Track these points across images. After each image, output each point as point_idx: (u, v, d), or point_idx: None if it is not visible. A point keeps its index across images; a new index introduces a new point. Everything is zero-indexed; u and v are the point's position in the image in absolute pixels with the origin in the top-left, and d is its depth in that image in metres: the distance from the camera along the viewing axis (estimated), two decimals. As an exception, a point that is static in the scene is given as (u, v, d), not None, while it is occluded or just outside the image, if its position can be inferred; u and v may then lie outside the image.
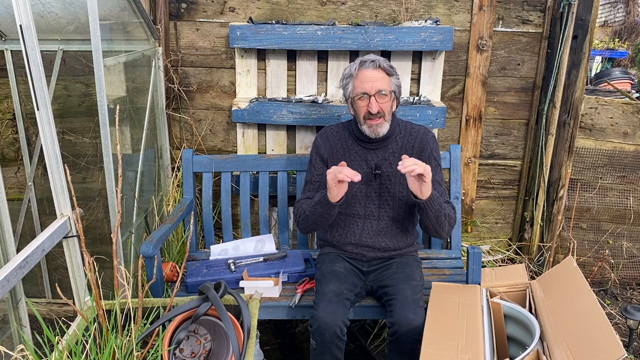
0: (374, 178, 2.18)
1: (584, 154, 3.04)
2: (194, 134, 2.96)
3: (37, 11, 2.33)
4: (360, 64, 2.12)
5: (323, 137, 2.29)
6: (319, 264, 2.28)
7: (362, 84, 2.09)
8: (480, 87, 2.88)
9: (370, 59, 2.11)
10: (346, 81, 2.17)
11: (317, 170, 2.25)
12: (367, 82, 2.08)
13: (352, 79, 2.13)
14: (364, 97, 2.10)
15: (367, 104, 2.10)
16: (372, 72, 2.10)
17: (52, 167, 1.71)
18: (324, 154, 2.25)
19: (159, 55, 2.72)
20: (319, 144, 2.27)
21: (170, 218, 2.45)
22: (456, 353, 1.63)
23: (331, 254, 2.28)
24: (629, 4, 10.11)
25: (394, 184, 2.18)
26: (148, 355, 1.55)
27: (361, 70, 2.11)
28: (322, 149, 2.26)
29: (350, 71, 2.14)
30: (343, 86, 2.20)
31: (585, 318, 1.65)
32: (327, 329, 1.92)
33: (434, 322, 1.83)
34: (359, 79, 2.11)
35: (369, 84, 2.08)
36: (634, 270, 3.19)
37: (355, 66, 2.13)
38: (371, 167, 2.19)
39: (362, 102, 2.11)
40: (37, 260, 1.58)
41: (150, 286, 1.85)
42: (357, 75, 2.11)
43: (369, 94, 2.09)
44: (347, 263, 2.23)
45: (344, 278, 2.12)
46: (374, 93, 2.08)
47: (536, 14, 2.83)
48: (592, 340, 1.54)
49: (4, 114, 2.96)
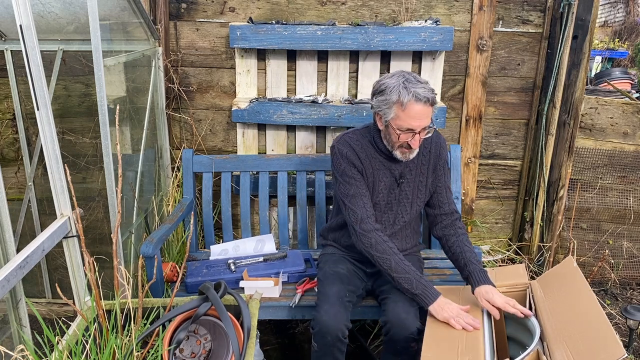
0: (397, 186, 2.13)
1: (584, 154, 3.04)
2: (194, 134, 2.96)
3: (37, 11, 2.33)
4: (414, 97, 1.89)
5: (347, 146, 2.10)
6: (321, 264, 2.27)
7: (411, 121, 1.92)
8: (480, 87, 2.88)
9: (425, 96, 1.90)
10: (387, 104, 1.94)
11: (358, 181, 2.07)
12: (416, 120, 1.92)
13: (397, 107, 1.92)
14: (407, 132, 1.95)
15: (410, 139, 1.97)
16: (424, 108, 1.91)
17: (52, 167, 1.71)
18: (357, 164, 2.08)
19: (159, 55, 2.72)
20: (348, 154, 2.08)
21: (170, 218, 2.45)
22: (456, 355, 1.63)
23: (335, 254, 2.27)
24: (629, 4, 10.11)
25: (412, 190, 2.15)
26: (148, 355, 1.55)
27: (412, 105, 1.90)
28: (353, 158, 2.08)
29: (400, 98, 1.90)
30: (380, 107, 1.98)
31: (585, 318, 1.65)
32: (330, 332, 1.91)
33: (434, 325, 1.83)
34: (408, 114, 1.91)
35: (418, 121, 1.93)
36: (634, 270, 3.19)
37: (406, 97, 1.89)
38: (395, 176, 2.12)
39: (405, 137, 1.96)
40: (37, 260, 1.58)
41: (150, 286, 1.85)
42: (406, 108, 1.90)
43: (415, 131, 1.95)
44: (350, 264, 2.21)
45: (346, 280, 2.11)
46: (420, 130, 1.95)
47: (536, 14, 2.83)
48: (592, 341, 1.54)
49: (4, 114, 2.96)
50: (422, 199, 2.18)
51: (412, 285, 1.93)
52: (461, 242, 2.08)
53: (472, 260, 2.01)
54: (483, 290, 1.90)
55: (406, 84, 1.92)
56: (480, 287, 1.91)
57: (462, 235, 2.11)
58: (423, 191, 2.16)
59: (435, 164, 2.16)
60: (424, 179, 2.15)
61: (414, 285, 1.92)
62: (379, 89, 1.98)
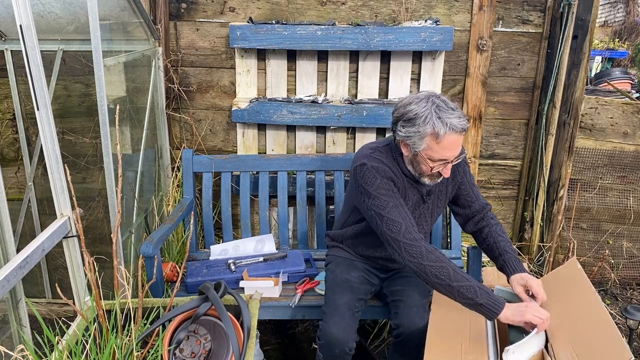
0: (423, 203, 2.07)
1: (584, 154, 3.04)
2: (194, 134, 2.96)
3: (37, 11, 2.33)
4: (451, 129, 1.77)
5: (379, 162, 1.94)
6: (331, 266, 2.19)
7: (446, 152, 1.82)
8: (480, 87, 2.88)
9: (462, 127, 1.78)
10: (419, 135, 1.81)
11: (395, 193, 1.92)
12: (451, 150, 1.82)
13: (432, 138, 1.79)
14: (440, 161, 1.85)
15: (442, 169, 1.87)
16: (458, 138, 1.81)
17: (52, 167, 1.71)
18: (392, 177, 1.94)
19: (159, 55, 2.72)
20: (382, 169, 1.92)
21: (170, 218, 2.45)
22: (460, 354, 1.63)
23: (346, 259, 2.20)
24: (629, 4, 10.11)
25: (436, 202, 2.11)
26: (148, 355, 1.55)
27: (449, 137, 1.78)
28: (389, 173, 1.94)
29: (435, 130, 1.77)
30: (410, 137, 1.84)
31: (590, 320, 1.64)
32: (338, 345, 1.89)
33: (438, 323, 1.82)
34: (443, 146, 1.80)
35: (452, 152, 1.83)
36: (634, 270, 3.19)
37: (442, 129, 1.76)
38: (422, 193, 2.03)
39: (437, 167, 1.86)
40: (37, 260, 1.58)
41: (150, 286, 1.85)
42: (441, 141, 1.78)
43: (448, 160, 1.86)
44: (363, 271, 2.16)
45: (357, 288, 2.07)
46: (453, 159, 1.87)
47: (536, 14, 2.83)
48: (598, 343, 1.53)
49: (4, 114, 2.96)
50: (442, 207, 2.15)
51: (476, 294, 1.71)
52: (495, 233, 2.03)
53: (507, 249, 1.97)
54: (518, 277, 1.85)
55: (439, 113, 1.78)
56: (515, 275, 1.87)
57: (495, 226, 2.06)
58: (443, 200, 2.12)
59: (455, 170, 2.05)
60: (444, 188, 2.09)
61: (478, 294, 1.71)
62: (407, 116, 1.83)
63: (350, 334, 1.91)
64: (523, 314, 1.68)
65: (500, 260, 1.97)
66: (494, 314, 1.71)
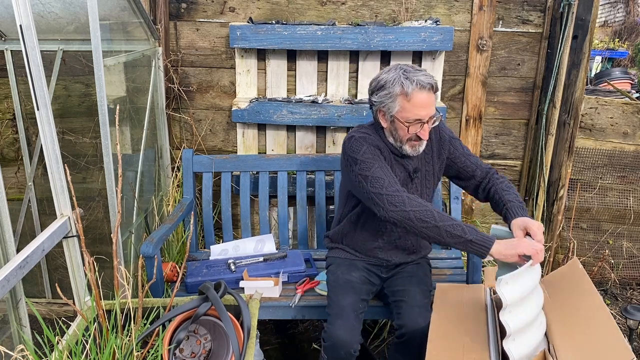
0: (410, 181, 2.08)
1: (584, 154, 3.04)
2: (194, 134, 2.96)
3: (37, 11, 2.33)
4: (417, 85, 1.86)
5: (366, 134, 2.02)
6: (332, 268, 2.19)
7: (418, 110, 1.88)
8: (480, 87, 2.88)
9: (427, 81, 1.87)
10: (391, 98, 1.90)
11: (381, 159, 1.96)
12: (423, 109, 1.88)
13: (402, 98, 1.88)
14: (415, 122, 1.91)
15: (419, 131, 1.92)
16: (428, 96, 1.88)
17: (52, 167, 1.71)
18: (380, 147, 2.00)
19: (159, 55, 2.72)
20: (369, 139, 1.99)
21: (170, 218, 2.45)
22: (462, 353, 1.63)
23: (347, 259, 2.20)
24: (629, 4, 10.11)
25: (421, 181, 2.11)
26: (148, 355, 1.55)
27: (417, 94, 1.86)
28: (376, 143, 2.00)
29: (403, 90, 1.87)
30: (383, 101, 1.92)
31: (592, 320, 1.64)
32: (343, 347, 1.88)
33: (439, 323, 1.82)
34: (414, 104, 1.87)
35: (425, 110, 1.89)
36: (634, 270, 3.19)
37: (410, 87, 1.86)
38: (409, 171, 2.07)
39: (413, 128, 1.92)
40: (37, 260, 1.58)
41: (150, 286, 1.85)
42: (411, 98, 1.86)
43: (423, 120, 1.91)
44: (364, 270, 2.15)
45: (359, 288, 2.07)
46: (427, 119, 1.91)
47: (536, 14, 2.83)
48: (599, 343, 1.53)
49: (4, 114, 2.96)
50: (431, 188, 2.14)
51: (464, 231, 1.72)
52: (499, 189, 1.99)
53: (510, 199, 1.92)
54: (519, 221, 1.80)
55: (407, 74, 1.88)
56: (516, 219, 1.81)
57: (500, 183, 2.02)
58: (431, 180, 2.11)
59: (440, 148, 2.09)
60: (431, 168, 2.11)
61: (466, 231, 1.72)
62: (378, 85, 1.94)
63: (355, 336, 1.91)
64: (516, 247, 1.67)
65: (504, 210, 1.92)
66: (486, 249, 1.70)
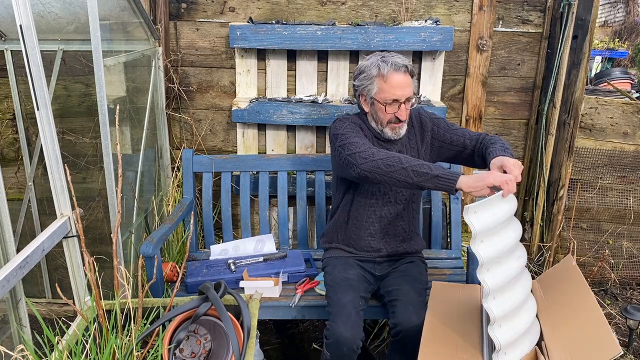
0: None
1: (584, 154, 3.04)
2: (194, 134, 2.96)
3: (37, 11, 2.33)
4: (392, 66, 1.98)
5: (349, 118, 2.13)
6: (329, 268, 2.22)
7: (394, 90, 1.98)
8: (480, 87, 2.88)
9: (402, 63, 1.99)
10: (370, 80, 2.02)
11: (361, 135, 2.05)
12: (399, 89, 1.98)
13: (379, 79, 2.00)
14: (393, 103, 2.00)
15: (396, 111, 2.01)
16: (404, 77, 1.99)
17: (52, 167, 1.71)
18: (363, 129, 2.10)
19: (159, 55, 2.72)
20: (354, 121, 2.11)
21: (170, 218, 2.45)
22: (455, 352, 1.63)
23: (341, 258, 2.23)
24: (629, 4, 10.11)
25: None
26: (148, 355, 1.55)
27: (392, 74, 1.98)
28: (359, 124, 2.10)
29: (380, 71, 1.99)
30: (363, 84, 2.04)
31: (582, 317, 1.65)
32: (346, 344, 1.89)
33: (433, 321, 1.82)
34: (390, 84, 1.98)
35: (400, 90, 1.99)
36: (634, 270, 3.19)
37: (386, 68, 1.98)
38: None
39: (391, 109, 2.01)
40: (37, 260, 1.58)
41: (150, 286, 1.85)
42: (387, 78, 1.98)
43: (399, 101, 2.00)
44: (359, 268, 2.18)
45: (357, 285, 2.08)
46: (404, 100, 2.00)
47: (536, 14, 2.83)
48: (589, 339, 1.54)
49: (4, 114, 2.96)
50: None
51: (429, 168, 1.77)
52: (489, 144, 1.99)
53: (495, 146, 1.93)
54: (497, 159, 1.80)
55: (384, 58, 2.01)
56: (495, 158, 1.81)
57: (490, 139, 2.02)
58: None
59: (422, 132, 2.16)
60: (416, 153, 2.15)
61: (431, 168, 1.77)
62: (359, 71, 2.07)
63: (357, 332, 1.92)
64: (484, 178, 1.68)
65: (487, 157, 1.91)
66: (453, 182, 1.72)
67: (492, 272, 1.56)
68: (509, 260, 1.62)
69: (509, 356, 1.57)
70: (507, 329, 1.56)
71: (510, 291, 1.61)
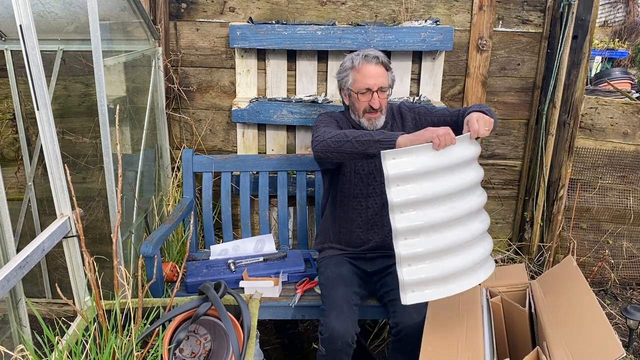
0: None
1: (584, 154, 3.04)
2: (194, 134, 2.96)
3: (37, 11, 2.33)
4: (363, 57, 2.12)
5: (330, 113, 2.26)
6: (322, 269, 2.25)
7: (366, 79, 2.10)
8: (480, 87, 2.88)
9: (373, 54, 2.12)
10: (346, 73, 2.16)
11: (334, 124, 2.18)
12: (371, 78, 2.10)
13: (353, 71, 2.13)
14: (366, 92, 2.12)
15: (369, 100, 2.12)
16: (375, 67, 2.11)
17: (52, 167, 1.71)
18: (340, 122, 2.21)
19: (159, 55, 2.72)
20: (333, 114, 2.25)
21: (170, 218, 2.45)
22: (456, 352, 1.63)
23: (333, 257, 2.26)
24: (629, 4, 10.11)
25: None
26: (148, 355, 1.55)
27: (364, 65, 2.11)
28: (338, 118, 2.23)
29: (353, 64, 2.13)
30: (341, 77, 2.19)
31: (584, 317, 1.65)
32: (340, 337, 1.91)
33: (434, 321, 1.83)
34: (362, 74, 2.11)
35: (372, 80, 2.10)
36: (634, 270, 3.19)
37: (358, 60, 2.12)
38: None
39: (364, 98, 2.13)
40: (37, 260, 1.58)
41: (150, 286, 1.85)
42: (359, 69, 2.11)
43: (372, 90, 2.11)
44: (351, 265, 2.21)
45: (349, 280, 2.11)
46: (376, 89, 2.11)
47: (536, 14, 2.83)
48: (591, 340, 1.54)
49: (4, 114, 2.96)
50: None
51: (372, 135, 1.85)
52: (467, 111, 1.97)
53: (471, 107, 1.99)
54: (467, 117, 1.84)
55: (358, 53, 2.16)
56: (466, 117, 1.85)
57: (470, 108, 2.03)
58: None
59: (402, 122, 2.25)
60: None
61: (373, 135, 1.85)
62: (340, 67, 2.22)
63: (350, 326, 1.93)
64: (422, 134, 1.75)
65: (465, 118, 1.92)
66: (392, 142, 1.78)
67: (406, 214, 1.66)
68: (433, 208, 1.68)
69: (417, 293, 1.68)
70: (417, 269, 1.68)
71: (430, 236, 1.68)
